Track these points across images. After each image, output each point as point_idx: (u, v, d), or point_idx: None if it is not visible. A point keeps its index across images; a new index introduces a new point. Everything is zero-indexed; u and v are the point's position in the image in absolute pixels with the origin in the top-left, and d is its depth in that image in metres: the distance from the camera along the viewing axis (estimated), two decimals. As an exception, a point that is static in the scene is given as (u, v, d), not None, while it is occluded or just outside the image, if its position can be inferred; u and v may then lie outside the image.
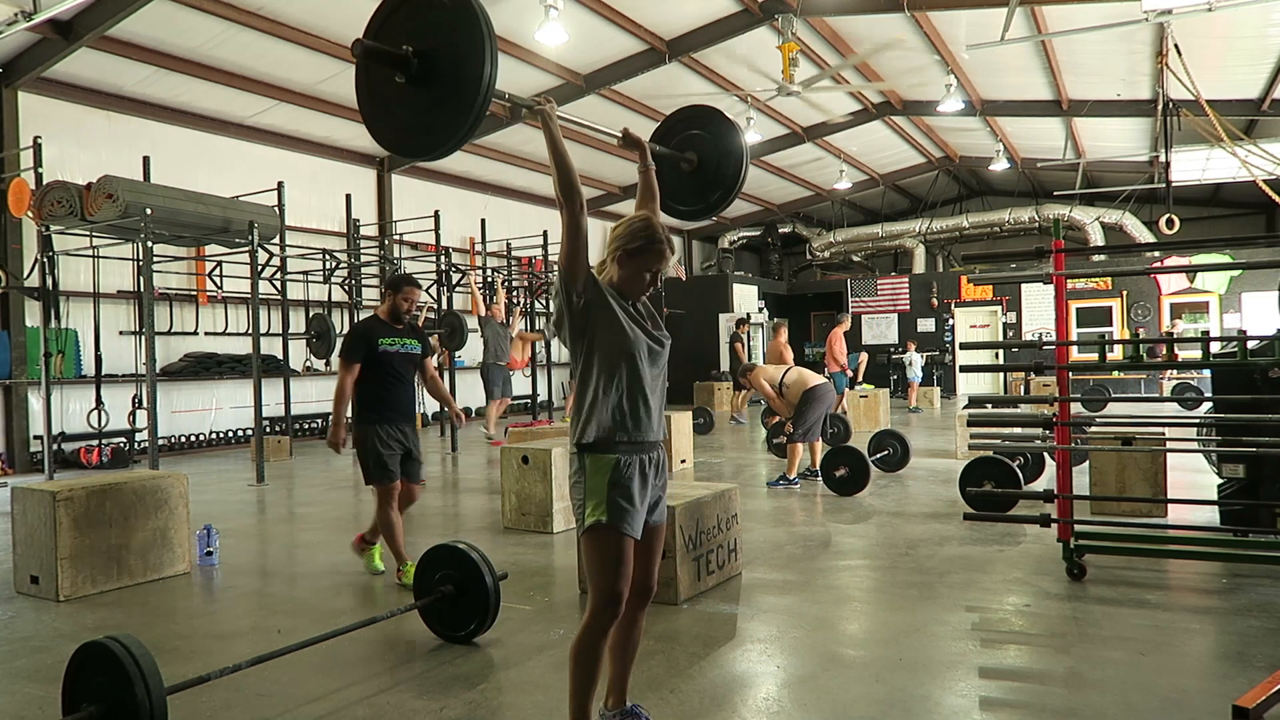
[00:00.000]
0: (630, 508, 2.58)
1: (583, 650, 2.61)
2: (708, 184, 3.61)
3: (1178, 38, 10.86)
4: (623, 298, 2.69)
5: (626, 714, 2.79)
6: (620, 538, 2.58)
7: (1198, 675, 3.35)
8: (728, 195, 3.59)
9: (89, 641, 2.81)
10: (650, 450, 2.67)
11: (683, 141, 3.63)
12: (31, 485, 4.97)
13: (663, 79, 13.76)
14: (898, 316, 22.06)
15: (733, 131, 3.61)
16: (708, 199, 3.64)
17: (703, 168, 3.62)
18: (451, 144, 2.70)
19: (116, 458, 10.59)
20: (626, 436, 2.61)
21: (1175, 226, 12.44)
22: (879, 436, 8.81)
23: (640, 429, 2.63)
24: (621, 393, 2.61)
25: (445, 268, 12.60)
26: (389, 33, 2.71)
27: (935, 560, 5.09)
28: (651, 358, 2.70)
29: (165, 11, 9.69)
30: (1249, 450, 4.63)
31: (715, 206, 3.66)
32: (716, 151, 3.59)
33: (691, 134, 3.63)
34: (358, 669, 3.56)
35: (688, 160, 3.60)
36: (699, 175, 3.63)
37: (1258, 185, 12.04)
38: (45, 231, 9.22)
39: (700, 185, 3.64)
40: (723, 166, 3.59)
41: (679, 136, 3.66)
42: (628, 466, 2.60)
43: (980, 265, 21.34)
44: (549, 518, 6.13)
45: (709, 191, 3.62)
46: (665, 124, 3.76)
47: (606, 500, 2.56)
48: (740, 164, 3.57)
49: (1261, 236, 20.18)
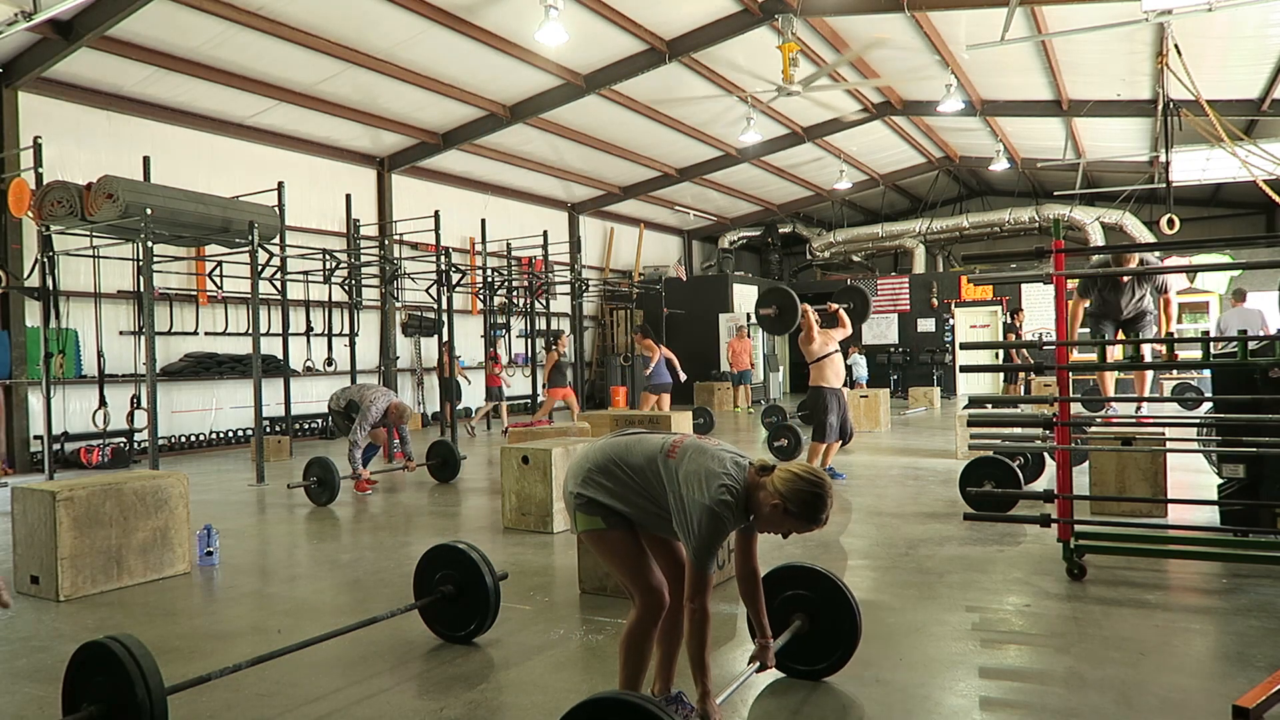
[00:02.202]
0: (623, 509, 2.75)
1: (630, 641, 2.74)
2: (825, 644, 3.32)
3: (1178, 38, 10.86)
4: (745, 515, 2.66)
5: (671, 700, 2.85)
6: (619, 534, 2.69)
7: (1198, 675, 3.34)
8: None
9: (89, 641, 2.81)
10: None
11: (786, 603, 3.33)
12: (32, 485, 4.97)
13: (663, 79, 13.76)
14: (898, 316, 22.07)
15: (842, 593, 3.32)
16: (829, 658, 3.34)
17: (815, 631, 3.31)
18: None
19: (116, 458, 10.59)
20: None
21: (1175, 226, 12.43)
22: (776, 428, 9.42)
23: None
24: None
25: (445, 268, 12.60)
26: None
27: (935, 560, 5.09)
28: None
29: (165, 11, 9.69)
30: (1249, 450, 4.63)
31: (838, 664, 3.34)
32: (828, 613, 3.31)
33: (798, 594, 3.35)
34: (358, 669, 3.56)
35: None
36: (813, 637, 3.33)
37: (1258, 185, 12.03)
38: (45, 231, 9.22)
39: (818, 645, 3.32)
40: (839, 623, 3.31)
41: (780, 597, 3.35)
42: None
43: (980, 265, 21.35)
44: (549, 518, 6.13)
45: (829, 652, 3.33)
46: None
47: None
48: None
49: (1261, 236, 20.17)
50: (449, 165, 16.38)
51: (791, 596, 3.30)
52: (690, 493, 2.56)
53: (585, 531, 2.79)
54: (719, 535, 2.55)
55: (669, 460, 2.66)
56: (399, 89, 12.91)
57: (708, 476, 2.56)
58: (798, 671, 3.30)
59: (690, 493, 2.56)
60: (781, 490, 2.54)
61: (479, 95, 13.73)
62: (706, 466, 2.59)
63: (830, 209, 23.97)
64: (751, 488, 2.60)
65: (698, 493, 2.54)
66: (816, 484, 2.54)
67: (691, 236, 25.25)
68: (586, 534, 2.79)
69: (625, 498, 2.72)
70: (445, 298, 12.66)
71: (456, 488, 8.46)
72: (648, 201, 21.19)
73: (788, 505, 2.53)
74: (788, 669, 3.29)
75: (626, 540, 2.75)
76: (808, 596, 3.29)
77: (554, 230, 18.34)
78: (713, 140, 17.50)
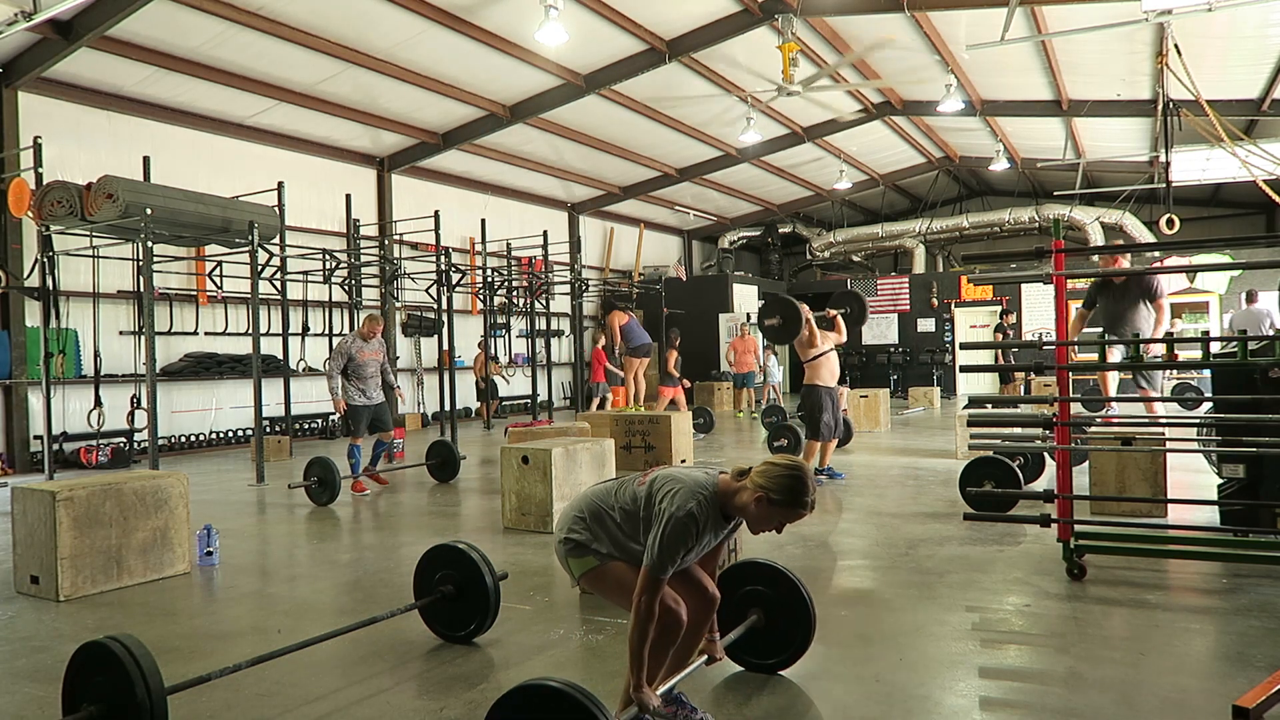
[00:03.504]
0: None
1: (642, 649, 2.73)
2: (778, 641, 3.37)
3: (1178, 38, 10.85)
4: (726, 520, 2.74)
5: (670, 700, 2.88)
6: (616, 564, 2.80)
7: (1198, 675, 3.34)
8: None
9: (89, 641, 2.81)
10: None
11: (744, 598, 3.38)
12: (31, 485, 4.97)
13: (663, 79, 13.76)
14: (898, 316, 22.08)
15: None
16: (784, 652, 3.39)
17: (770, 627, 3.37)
18: None
19: (116, 458, 10.59)
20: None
21: (1175, 226, 12.43)
22: (777, 428, 9.39)
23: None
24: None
25: (445, 268, 12.60)
26: None
27: (935, 560, 5.09)
28: None
29: (165, 11, 9.69)
30: (1249, 450, 4.62)
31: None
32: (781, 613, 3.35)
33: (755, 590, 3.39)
34: (358, 669, 3.56)
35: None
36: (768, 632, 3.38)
37: (1258, 185, 12.03)
38: (45, 231, 9.22)
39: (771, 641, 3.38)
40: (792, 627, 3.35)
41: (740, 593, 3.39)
42: None
43: (980, 265, 21.35)
44: (549, 518, 6.13)
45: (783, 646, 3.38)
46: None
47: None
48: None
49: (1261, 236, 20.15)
50: (449, 165, 16.38)
51: (750, 592, 3.38)
52: (660, 508, 2.66)
53: (583, 575, 2.84)
54: (682, 542, 2.61)
55: (639, 488, 2.78)
56: (399, 89, 12.91)
57: (676, 490, 2.66)
58: (751, 664, 3.40)
59: (660, 508, 2.66)
60: (761, 482, 2.62)
61: (479, 95, 13.73)
62: (675, 481, 2.70)
63: (830, 209, 23.97)
64: (728, 493, 2.68)
65: (667, 504, 2.64)
66: (794, 469, 2.62)
67: (691, 236, 25.25)
68: (585, 577, 2.85)
69: (612, 537, 2.80)
70: (445, 298, 12.66)
71: (456, 488, 8.46)
72: (648, 201, 21.18)
73: (770, 495, 2.60)
74: (743, 661, 3.40)
75: (624, 569, 2.78)
76: (765, 593, 3.36)
77: (554, 230, 18.34)
78: (713, 140, 17.49)
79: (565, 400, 19.61)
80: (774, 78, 13.06)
